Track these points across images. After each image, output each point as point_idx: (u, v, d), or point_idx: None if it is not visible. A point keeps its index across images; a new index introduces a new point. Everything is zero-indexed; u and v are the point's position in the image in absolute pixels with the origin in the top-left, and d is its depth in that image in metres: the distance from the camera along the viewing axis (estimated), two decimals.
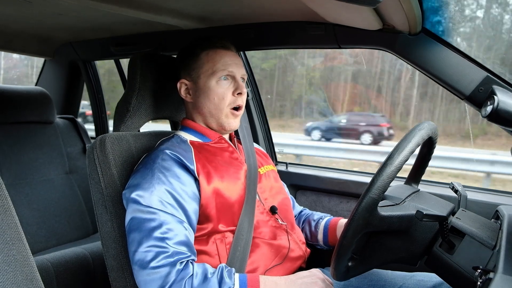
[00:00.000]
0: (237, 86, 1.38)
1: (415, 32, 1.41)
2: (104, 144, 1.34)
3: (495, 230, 1.10)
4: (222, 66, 1.37)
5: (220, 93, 1.37)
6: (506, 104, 1.23)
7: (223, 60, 1.38)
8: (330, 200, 2.06)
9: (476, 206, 1.58)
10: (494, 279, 0.80)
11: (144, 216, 1.17)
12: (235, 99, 1.39)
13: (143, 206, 1.17)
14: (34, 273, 0.75)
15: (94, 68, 2.76)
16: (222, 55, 1.39)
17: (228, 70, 1.37)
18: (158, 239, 1.13)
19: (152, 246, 1.13)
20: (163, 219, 1.16)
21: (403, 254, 1.19)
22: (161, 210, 1.17)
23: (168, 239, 1.14)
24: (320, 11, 1.39)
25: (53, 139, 2.35)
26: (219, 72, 1.36)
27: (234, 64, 1.39)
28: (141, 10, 1.57)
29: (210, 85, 1.37)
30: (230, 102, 1.38)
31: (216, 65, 1.37)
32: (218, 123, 1.41)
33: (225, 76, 1.37)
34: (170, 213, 1.18)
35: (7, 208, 0.72)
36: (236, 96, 1.38)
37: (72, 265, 1.79)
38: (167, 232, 1.14)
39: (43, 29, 2.17)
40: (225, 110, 1.39)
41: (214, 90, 1.37)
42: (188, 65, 1.42)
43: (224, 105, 1.38)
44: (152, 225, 1.15)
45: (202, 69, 1.39)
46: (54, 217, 2.19)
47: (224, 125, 1.41)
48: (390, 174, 1.03)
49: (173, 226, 1.16)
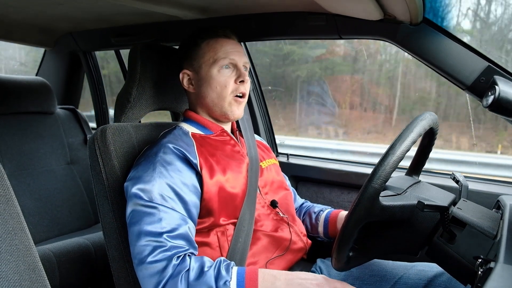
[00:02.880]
0: (239, 74, 1.38)
1: (416, 22, 1.40)
2: (105, 135, 1.33)
3: (496, 220, 1.10)
4: (223, 55, 1.36)
5: (222, 81, 1.36)
6: (507, 94, 1.23)
7: (224, 49, 1.37)
8: (331, 191, 2.06)
9: (477, 196, 1.59)
10: (495, 268, 0.80)
11: (144, 209, 1.17)
12: (238, 87, 1.38)
13: (144, 200, 1.17)
14: (37, 263, 0.76)
15: (94, 58, 2.76)
16: (223, 44, 1.38)
17: (230, 58, 1.36)
18: (156, 233, 1.13)
19: (150, 240, 1.12)
20: (163, 213, 1.16)
21: (404, 244, 1.19)
22: (161, 204, 1.17)
23: (166, 233, 1.13)
24: (321, 2, 1.39)
25: (54, 129, 2.35)
26: (220, 61, 1.36)
27: (236, 52, 1.38)
28: (142, 0, 1.56)
29: (212, 74, 1.37)
30: (232, 90, 1.37)
31: (217, 54, 1.36)
32: (221, 112, 1.40)
33: (226, 65, 1.37)
34: (170, 207, 1.18)
35: (9, 198, 0.72)
36: (239, 84, 1.38)
37: (74, 255, 1.80)
38: (166, 226, 1.14)
39: (43, 19, 2.16)
40: (228, 98, 1.38)
41: (216, 79, 1.36)
42: (190, 55, 1.42)
43: (226, 93, 1.37)
44: (152, 219, 1.15)
45: (204, 59, 1.38)
46: (56, 207, 2.19)
47: (228, 113, 1.40)
48: (392, 164, 1.02)
49: (173, 220, 1.16)
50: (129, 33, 2.15)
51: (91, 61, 2.75)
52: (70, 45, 2.61)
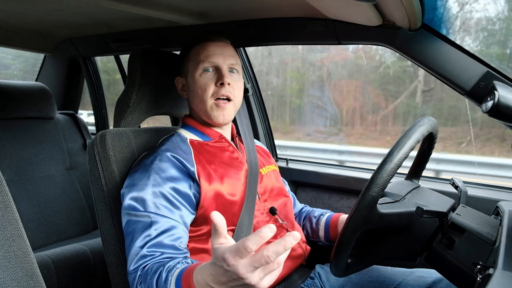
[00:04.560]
0: (220, 76, 1.35)
1: (415, 28, 1.41)
2: (104, 140, 1.33)
3: (495, 226, 1.10)
4: (204, 58, 1.36)
5: (202, 84, 1.35)
6: (506, 99, 1.23)
7: (205, 52, 1.36)
8: (330, 196, 2.06)
9: (476, 202, 1.59)
10: (494, 275, 0.80)
11: (137, 219, 1.17)
12: (218, 90, 1.34)
13: (137, 210, 1.17)
14: (35, 269, 0.75)
15: (94, 64, 2.77)
16: (206, 47, 1.37)
17: (209, 61, 1.35)
18: (144, 243, 1.12)
19: (137, 249, 1.12)
20: (155, 221, 1.15)
21: (403, 250, 1.19)
22: (154, 212, 1.17)
23: (153, 241, 1.12)
24: (320, 7, 1.39)
25: (54, 134, 2.35)
26: (201, 64, 1.35)
27: (219, 54, 1.37)
28: (141, 6, 1.57)
29: (195, 77, 1.36)
30: (213, 93, 1.35)
31: (199, 57, 1.36)
32: (206, 116, 1.38)
33: (207, 68, 1.36)
34: (163, 215, 1.17)
35: (7, 204, 0.72)
36: (219, 86, 1.35)
37: (72, 262, 1.79)
38: (155, 234, 1.13)
39: (43, 25, 2.17)
40: (209, 102, 1.35)
41: (198, 83, 1.36)
42: (182, 62, 1.44)
43: (207, 96, 1.35)
44: (143, 228, 1.15)
45: (189, 64, 1.39)
46: (54, 213, 2.19)
47: (211, 118, 1.38)
48: (389, 172, 1.02)
49: (163, 228, 1.15)
50: (128, 39, 2.15)
51: (90, 66, 2.75)
52: (70, 50, 2.61)
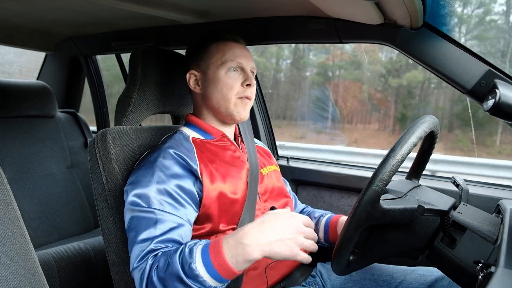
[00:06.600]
0: (246, 77, 1.38)
1: (417, 26, 1.40)
2: (105, 138, 1.33)
3: (496, 224, 1.10)
4: (231, 57, 1.37)
5: (228, 83, 1.36)
6: (508, 98, 1.23)
7: (232, 51, 1.38)
8: (332, 195, 2.06)
9: (478, 200, 1.58)
10: (495, 273, 0.80)
11: (141, 215, 1.17)
12: (244, 90, 1.38)
13: (141, 206, 1.17)
14: (36, 268, 0.75)
15: (95, 62, 2.77)
16: (231, 47, 1.39)
17: (237, 61, 1.37)
18: (149, 239, 1.12)
19: (142, 246, 1.12)
20: (159, 218, 1.15)
21: (404, 248, 1.19)
22: (158, 209, 1.17)
23: (159, 237, 1.12)
24: (322, 6, 1.39)
25: (55, 133, 2.36)
26: (228, 63, 1.36)
27: (244, 56, 1.39)
28: (142, 4, 1.57)
29: (219, 75, 1.37)
30: (238, 92, 1.37)
31: (225, 56, 1.37)
32: (227, 112, 1.39)
33: (234, 67, 1.37)
34: (167, 211, 1.17)
35: (9, 202, 0.72)
36: (245, 87, 1.38)
37: (74, 260, 1.80)
38: (160, 231, 1.13)
39: (44, 23, 2.17)
40: (233, 99, 1.38)
41: (223, 80, 1.37)
42: (198, 56, 1.43)
43: (232, 94, 1.37)
44: (148, 225, 1.15)
45: (212, 60, 1.39)
46: (56, 211, 2.19)
47: (234, 114, 1.39)
48: (392, 167, 1.02)
49: (168, 224, 1.15)
50: (129, 37, 2.15)
51: (91, 65, 2.75)
52: (71, 49, 2.61)
